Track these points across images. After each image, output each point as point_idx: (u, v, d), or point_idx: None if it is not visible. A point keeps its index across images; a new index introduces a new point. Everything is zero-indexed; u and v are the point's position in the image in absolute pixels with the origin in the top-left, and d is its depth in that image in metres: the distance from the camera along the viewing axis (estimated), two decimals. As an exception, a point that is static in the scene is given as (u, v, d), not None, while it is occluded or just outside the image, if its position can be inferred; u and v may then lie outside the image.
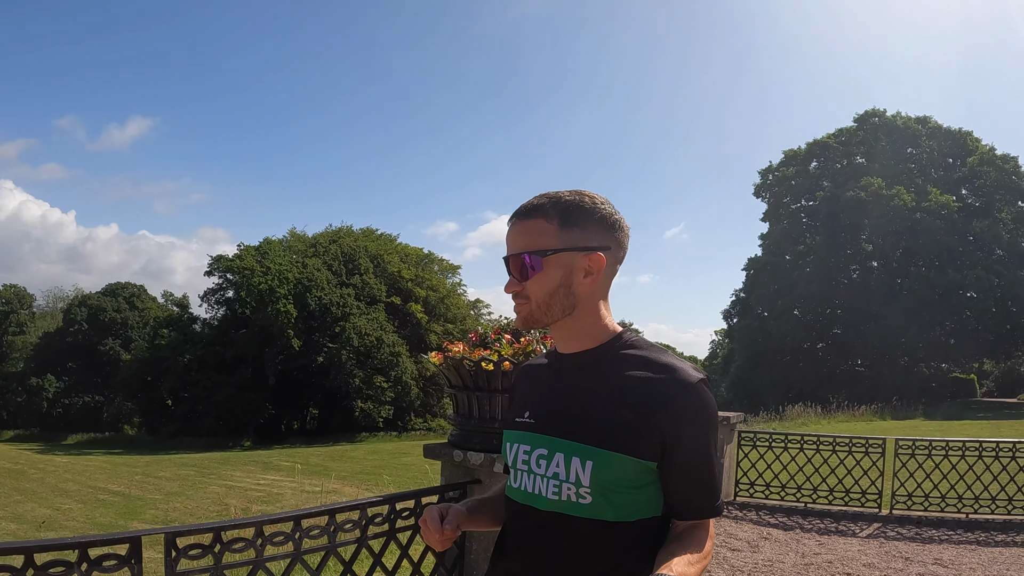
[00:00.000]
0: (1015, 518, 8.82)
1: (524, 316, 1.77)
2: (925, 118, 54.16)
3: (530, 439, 1.78)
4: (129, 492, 19.48)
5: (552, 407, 1.78)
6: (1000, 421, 28.52)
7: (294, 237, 53.42)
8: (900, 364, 50.95)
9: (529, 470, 1.76)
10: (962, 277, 45.81)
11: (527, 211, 1.75)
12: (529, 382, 1.94)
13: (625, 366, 1.72)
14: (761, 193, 58.79)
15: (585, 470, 1.65)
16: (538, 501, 1.73)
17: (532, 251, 1.71)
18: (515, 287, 1.75)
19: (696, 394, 1.67)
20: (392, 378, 48.61)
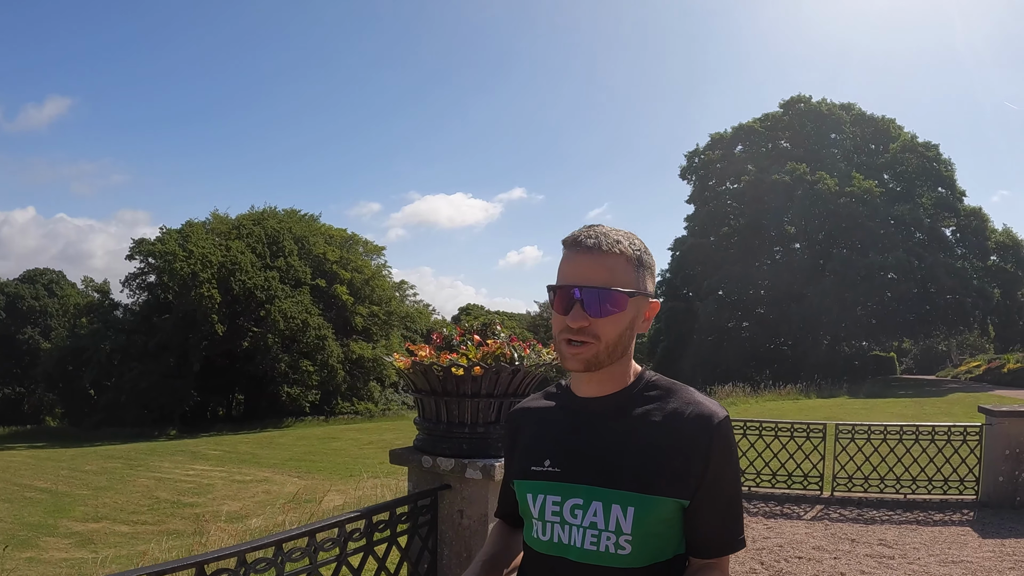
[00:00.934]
0: (951, 498, 9.10)
1: (587, 358, 1.63)
2: (849, 105, 55.39)
3: (560, 489, 1.67)
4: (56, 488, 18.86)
5: (580, 454, 1.68)
6: (922, 398, 29.34)
7: (217, 219, 52.05)
8: (823, 343, 52.16)
9: (562, 521, 1.65)
10: (884, 259, 46.95)
11: (609, 246, 1.62)
12: (535, 426, 1.82)
13: (652, 407, 1.68)
14: (687, 176, 59.45)
15: (627, 517, 1.59)
16: (572, 552, 1.64)
17: (620, 288, 1.60)
18: (584, 322, 1.60)
19: (726, 431, 1.65)
20: (318, 362, 47.95)
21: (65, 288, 64.55)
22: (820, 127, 54.03)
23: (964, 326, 52.92)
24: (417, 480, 3.99)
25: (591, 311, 1.59)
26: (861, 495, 9.31)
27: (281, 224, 52.19)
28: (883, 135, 54.15)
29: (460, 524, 3.81)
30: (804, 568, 6.61)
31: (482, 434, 3.75)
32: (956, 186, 52.35)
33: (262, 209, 54.35)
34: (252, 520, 12.38)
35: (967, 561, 6.75)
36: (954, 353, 69.22)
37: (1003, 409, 9.12)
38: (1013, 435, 8.75)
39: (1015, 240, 51.99)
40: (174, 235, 48.41)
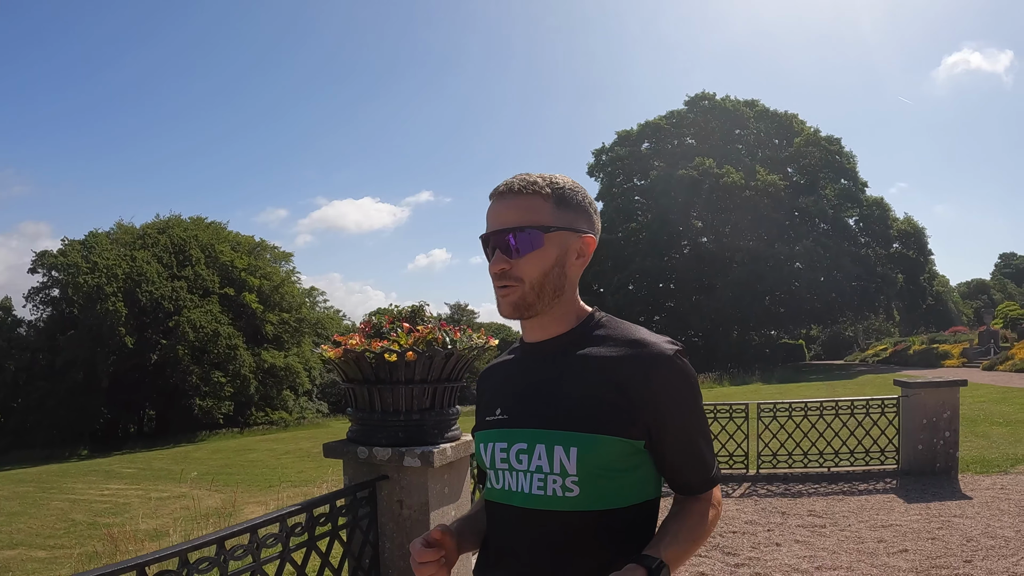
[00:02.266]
0: (873, 468, 9.36)
1: (514, 300, 1.60)
2: (753, 101, 56.81)
3: (505, 435, 1.62)
4: (-33, 516, 17.97)
5: (525, 398, 1.63)
6: (833, 381, 30.27)
7: (121, 229, 50.35)
8: (734, 334, 53.34)
9: (510, 467, 1.61)
10: (790, 249, 48.31)
11: (521, 187, 1.59)
12: (496, 380, 1.77)
13: (598, 345, 1.61)
14: (595, 173, 60.15)
15: (570, 458, 1.52)
16: (519, 498, 1.58)
17: (531, 226, 1.57)
18: (503, 264, 1.58)
19: (675, 366, 1.56)
20: (230, 372, 46.92)
21: (-37, 305, 61.66)
22: (725, 123, 55.29)
23: (870, 311, 54.80)
24: (353, 472, 3.86)
25: (508, 253, 1.58)
26: (787, 471, 9.49)
27: (187, 232, 50.82)
28: (787, 130, 55.70)
29: (400, 515, 3.70)
30: (741, 541, 6.67)
31: (418, 421, 3.66)
32: (858, 178, 54.26)
33: (167, 217, 52.89)
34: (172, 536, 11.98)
35: (896, 524, 6.92)
36: (861, 338, 71.45)
37: (918, 381, 9.42)
38: (929, 405, 9.03)
39: (916, 228, 54.11)
40: (77, 247, 46.58)
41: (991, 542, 6.18)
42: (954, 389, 9.17)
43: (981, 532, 6.49)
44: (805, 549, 6.30)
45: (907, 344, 44.98)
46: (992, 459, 9.97)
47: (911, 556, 5.92)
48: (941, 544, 6.20)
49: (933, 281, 57.26)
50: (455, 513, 3.91)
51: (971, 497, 7.88)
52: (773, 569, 5.80)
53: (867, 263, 49.53)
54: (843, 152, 53.80)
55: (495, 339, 4.08)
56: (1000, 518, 6.96)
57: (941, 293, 59.42)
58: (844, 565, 5.80)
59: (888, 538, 6.49)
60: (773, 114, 56.52)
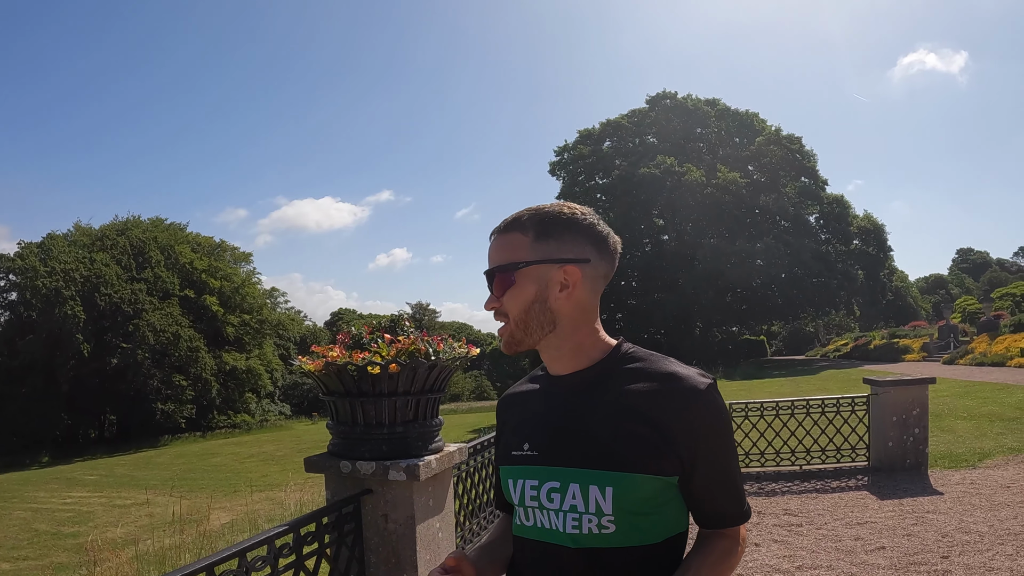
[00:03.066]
0: (844, 465, 9.46)
1: (506, 338, 1.63)
2: (714, 100, 57.24)
3: (536, 472, 1.60)
4: (-71, 527, 17.56)
5: (555, 435, 1.60)
6: (797, 377, 30.58)
7: (80, 231, 49.69)
8: (696, 330, 53.71)
9: (540, 506, 1.58)
10: (751, 247, 48.71)
11: (505, 225, 1.62)
12: (519, 410, 1.74)
13: (628, 380, 1.58)
14: (557, 172, 60.31)
15: (606, 498, 1.50)
16: (557, 537, 1.55)
17: (505, 264, 1.59)
18: (493, 304, 1.62)
19: (710, 400, 1.54)
20: (191, 376, 46.54)
21: (-82, 309, 60.28)
22: (686, 122, 55.65)
23: (831, 307, 55.45)
24: (336, 487, 3.77)
25: (496, 291, 1.60)
26: (759, 469, 9.57)
27: (146, 234, 50.28)
28: (748, 129, 56.21)
29: (386, 529, 3.64)
30: (719, 544, 6.67)
31: (401, 434, 3.60)
32: (819, 175, 54.94)
33: (126, 219, 52.29)
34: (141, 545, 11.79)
35: (871, 522, 6.99)
36: (821, 333, 72.30)
37: (887, 380, 9.55)
38: (898, 402, 9.15)
39: (876, 224, 54.87)
40: (34, 249, 46.00)
41: (966, 537, 6.26)
42: (923, 387, 9.30)
43: (955, 527, 6.58)
44: (784, 549, 6.34)
45: (868, 339, 45.58)
46: (960, 454, 10.11)
47: (889, 553, 5.97)
48: (917, 540, 6.27)
49: (892, 276, 58.12)
50: (440, 525, 3.86)
51: (942, 493, 7.99)
52: (754, 570, 5.83)
53: (828, 260, 50.14)
54: (803, 151, 54.45)
55: (476, 348, 4.03)
56: (973, 513, 7.05)
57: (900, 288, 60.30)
58: (824, 564, 5.83)
59: (865, 536, 6.55)
60: (734, 113, 57.01)
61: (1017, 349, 26.60)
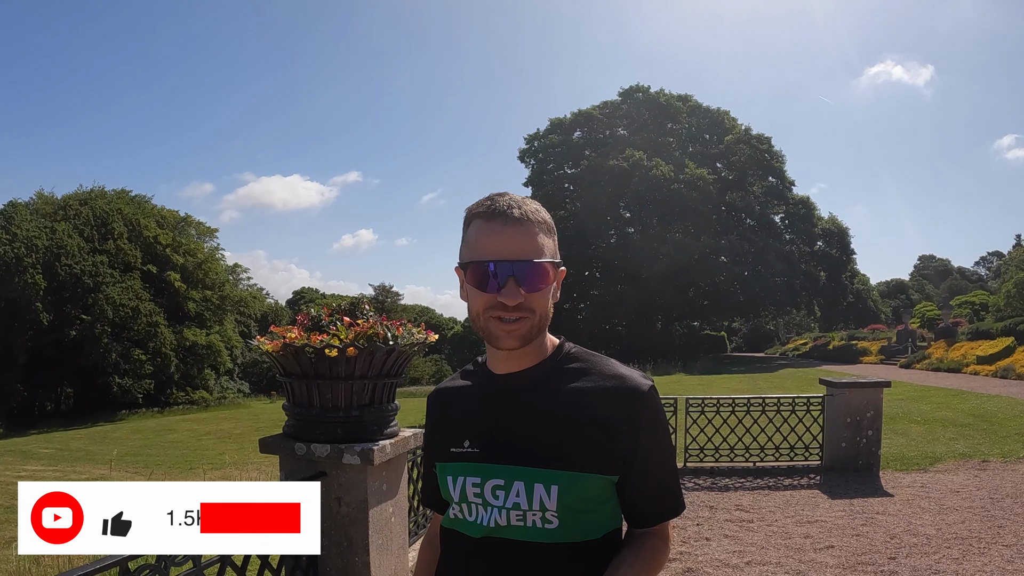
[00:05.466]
0: (798, 464, 9.58)
1: (524, 333, 1.53)
2: (686, 96, 57.50)
3: (479, 470, 1.57)
4: None
5: (500, 433, 1.58)
6: (754, 374, 30.93)
7: (42, 199, 48.68)
8: (657, 324, 54.05)
9: (484, 503, 1.56)
10: (716, 243, 49.06)
11: (530, 213, 1.53)
12: (456, 407, 1.70)
13: (572, 380, 1.59)
14: (525, 159, 60.39)
15: (551, 496, 1.50)
16: (499, 532, 1.54)
17: (547, 259, 1.52)
18: (519, 298, 1.49)
19: (652, 401, 1.58)
20: (151, 350, 45.86)
21: None
22: (657, 116, 55.92)
23: (792, 306, 56.13)
24: (290, 469, 3.76)
25: (526, 286, 1.50)
26: (713, 464, 9.66)
27: (110, 205, 49.35)
28: (718, 126, 56.54)
29: (339, 512, 3.63)
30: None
31: (357, 418, 3.59)
32: (786, 176, 55.43)
33: (90, 189, 51.34)
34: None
35: (822, 520, 7.08)
36: (782, 332, 73.10)
37: (843, 381, 9.68)
38: (853, 404, 9.25)
39: (840, 227, 55.50)
40: (-5, 216, 44.95)
41: (914, 539, 6.35)
42: (878, 390, 9.41)
43: (904, 529, 6.67)
44: (734, 544, 6.40)
45: (827, 339, 46.17)
46: (912, 457, 10.24)
47: (837, 552, 6.05)
48: (866, 541, 6.35)
49: (854, 279, 58.79)
50: (393, 510, 3.86)
51: (893, 495, 8.10)
52: (704, 564, 5.88)
53: (791, 260, 50.68)
54: (772, 151, 54.89)
55: (435, 334, 4.01)
56: (921, 516, 7.16)
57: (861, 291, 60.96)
58: (773, 560, 5.90)
59: (814, 534, 6.63)
60: (706, 110, 57.35)
61: (973, 356, 27.09)
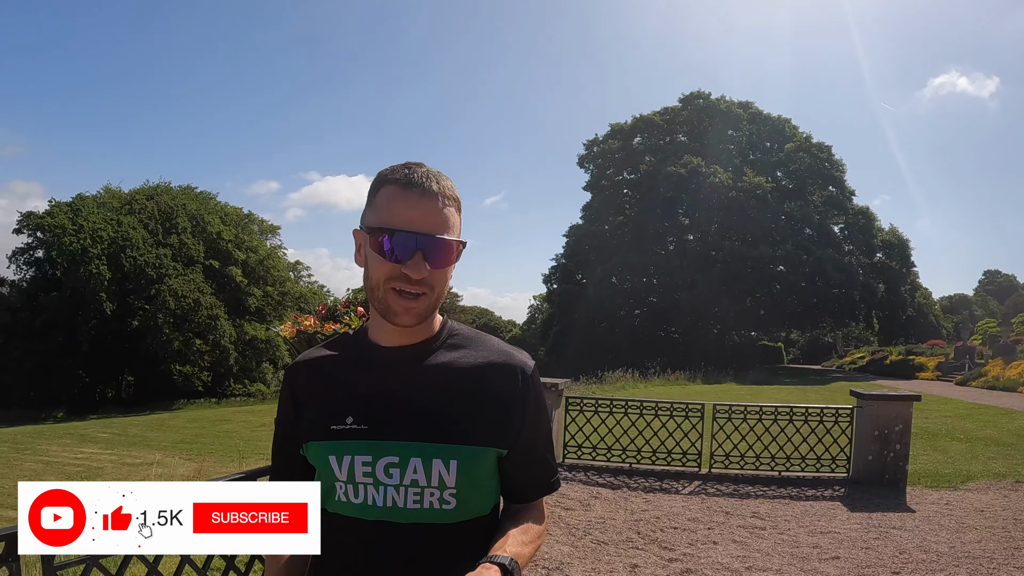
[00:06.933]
0: (823, 475, 9.52)
1: (421, 310, 1.51)
2: (747, 103, 56.88)
3: (369, 447, 1.50)
4: (-62, 474, 17.91)
5: (390, 407, 1.53)
6: (806, 386, 30.50)
7: (109, 193, 50.11)
8: (712, 332, 53.55)
9: (376, 482, 1.50)
10: (773, 252, 48.43)
11: (445, 188, 1.51)
12: (329, 381, 1.62)
13: (462, 356, 1.59)
14: (585, 164, 60.27)
15: (450, 471, 1.49)
16: (395, 514, 1.50)
17: (456, 238, 1.51)
18: (424, 273, 1.46)
19: (537, 378, 1.63)
20: (210, 342, 46.91)
21: (-54, 263, 60.94)
22: (718, 123, 55.37)
23: (850, 319, 55.09)
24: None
25: (434, 262, 1.47)
26: (737, 471, 9.68)
27: (175, 200, 50.65)
28: (779, 134, 55.84)
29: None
30: (679, 537, 6.83)
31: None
32: (846, 186, 54.51)
33: (156, 184, 52.65)
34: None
35: (834, 532, 7.08)
36: (840, 344, 71.79)
37: (873, 393, 9.62)
38: (881, 417, 9.19)
39: (900, 239, 54.38)
40: (64, 208, 46.17)
41: (923, 556, 6.32)
42: (907, 403, 9.33)
43: (916, 546, 6.64)
44: (740, 549, 6.45)
45: (885, 354, 45.20)
46: (945, 474, 10.11)
47: (841, 564, 6.06)
48: (873, 554, 6.35)
49: (915, 293, 57.57)
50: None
51: (915, 510, 8.03)
52: (705, 566, 5.94)
53: (850, 271, 49.76)
54: (833, 159, 54.09)
55: None
56: (938, 533, 7.10)
57: (922, 305, 59.63)
58: (774, 567, 5.94)
59: (824, 544, 6.64)
60: (766, 117, 56.68)
61: (1030, 375, 26.41)
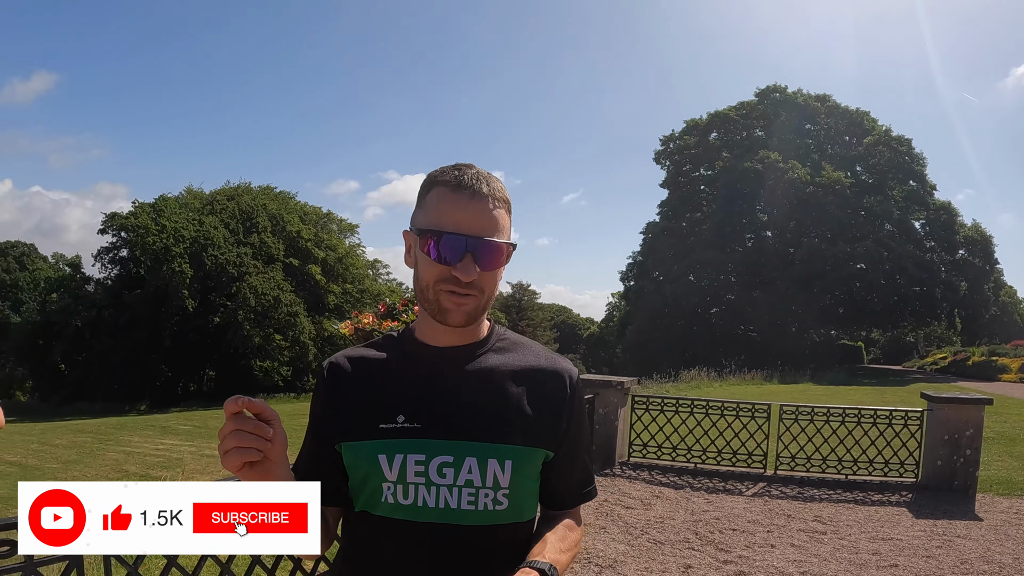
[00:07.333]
0: (891, 479, 9.34)
1: (470, 311, 1.51)
2: (825, 96, 55.72)
3: (422, 446, 1.49)
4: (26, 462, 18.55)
5: (443, 407, 1.53)
6: (884, 387, 29.80)
7: (191, 194, 51.63)
8: (790, 330, 52.68)
9: (428, 482, 1.49)
10: (852, 249, 47.37)
11: (496, 191, 1.53)
12: (375, 379, 1.60)
13: (509, 358, 1.62)
14: (661, 160, 59.82)
15: (505, 471, 1.50)
16: (448, 516, 1.49)
17: (507, 241, 1.53)
18: (475, 275, 1.47)
19: (580, 385, 1.66)
20: (290, 338, 47.81)
21: (36, 262, 63.50)
22: (795, 117, 54.41)
23: (931, 318, 53.62)
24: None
25: (484, 264, 1.48)
26: (803, 474, 9.58)
27: (255, 200, 51.84)
28: (857, 127, 54.55)
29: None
30: (737, 539, 6.83)
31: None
32: (927, 180, 52.94)
33: (236, 185, 54.01)
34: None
35: (896, 539, 6.97)
36: (921, 345, 70.06)
37: (943, 396, 9.37)
38: (952, 421, 8.99)
39: (984, 235, 52.61)
40: (147, 209, 47.80)
41: (985, 567, 6.19)
42: (979, 407, 9.10)
43: (979, 556, 6.50)
44: (798, 553, 6.42)
45: (967, 355, 43.93)
46: (1018, 481, 9.82)
47: (900, 572, 5.99)
48: (934, 563, 6.25)
49: (999, 291, 55.80)
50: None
51: (982, 519, 7.85)
52: (759, 569, 5.94)
53: (931, 268, 48.43)
54: (913, 153, 52.60)
55: None
56: (1003, 543, 6.93)
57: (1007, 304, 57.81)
58: (830, 573, 5.91)
59: (884, 551, 6.56)
60: (844, 110, 55.40)
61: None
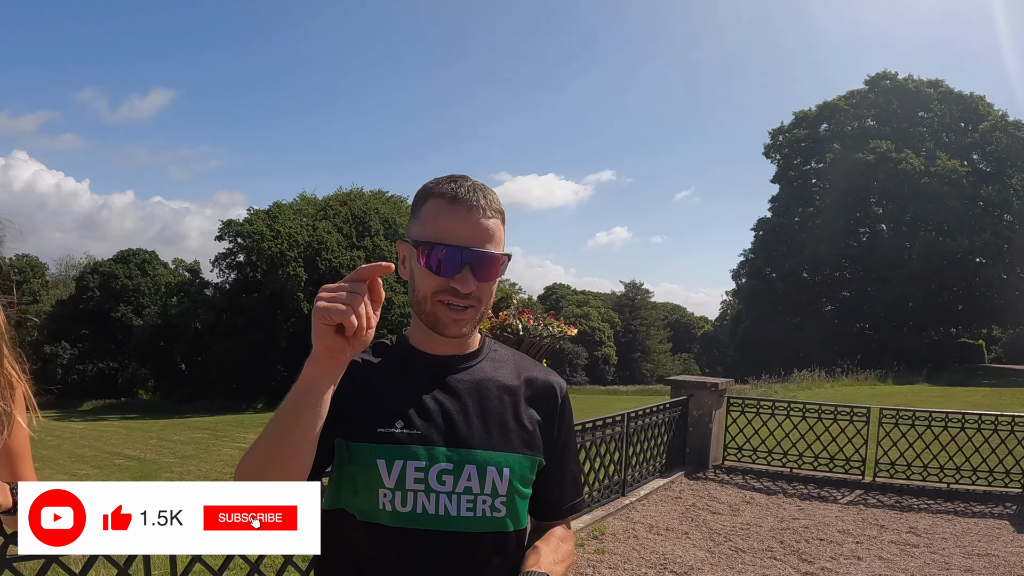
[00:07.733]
0: (995, 489, 8.98)
1: (469, 321, 1.55)
2: (937, 82, 53.38)
3: (420, 453, 1.51)
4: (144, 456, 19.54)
5: (440, 414, 1.56)
6: (1003, 388, 28.35)
7: (304, 200, 53.20)
8: (906, 328, 50.81)
9: (427, 488, 1.51)
10: (971, 242, 45.42)
11: (492, 203, 1.54)
12: (372, 384, 1.60)
13: (503, 369, 1.67)
14: (771, 154, 58.27)
15: (503, 478, 1.54)
16: (446, 523, 1.51)
17: (503, 253, 1.55)
18: (472, 287, 1.50)
19: (568, 397, 1.75)
20: (401, 338, 48.88)
21: (157, 268, 66.28)
22: (907, 105, 52.33)
23: (1058, 313, 50.87)
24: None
25: (481, 276, 1.51)
26: (903, 482, 9.28)
27: (368, 205, 53.05)
28: (972, 113, 51.83)
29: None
30: (823, 550, 6.75)
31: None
32: (1049, 167, 50.14)
33: (349, 190, 55.36)
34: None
35: (993, 555, 6.73)
36: (1050, 343, 66.40)
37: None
38: (1061, 427, 8.66)
39: (1114, 224, 49.60)
40: (262, 216, 49.69)
41: (1086, 585, 5.98)
42: (1091, 412, 8.75)
43: (1082, 573, 6.25)
44: (885, 567, 6.32)
45: (1098, 353, 41.65)
46: None
47: (990, 590, 5.85)
48: (1027, 581, 6.07)
49: None
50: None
51: (1091, 533, 7.51)
52: (842, 583, 5.91)
53: (1055, 262, 46.07)
54: (1032, 139, 49.74)
55: (574, 328, 4.44)
56: (1111, 561, 6.62)
57: None
58: (915, 590, 5.82)
59: (976, 568, 6.36)
60: (958, 96, 52.60)
61: None
